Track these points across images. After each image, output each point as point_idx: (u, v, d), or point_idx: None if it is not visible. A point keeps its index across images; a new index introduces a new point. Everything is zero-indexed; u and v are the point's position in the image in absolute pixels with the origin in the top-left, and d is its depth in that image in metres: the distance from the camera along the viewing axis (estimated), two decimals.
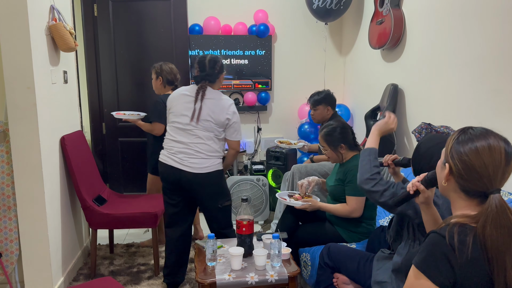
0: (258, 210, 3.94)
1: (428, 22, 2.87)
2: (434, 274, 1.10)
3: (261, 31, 4.22)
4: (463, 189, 1.17)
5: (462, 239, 1.09)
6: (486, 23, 2.29)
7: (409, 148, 3.13)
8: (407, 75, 3.16)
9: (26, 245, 2.45)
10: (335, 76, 4.52)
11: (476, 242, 1.09)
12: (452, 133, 1.23)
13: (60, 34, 2.56)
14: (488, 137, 1.14)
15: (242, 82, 4.32)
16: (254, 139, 4.55)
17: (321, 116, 3.29)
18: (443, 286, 1.10)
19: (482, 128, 1.18)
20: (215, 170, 2.49)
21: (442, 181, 1.21)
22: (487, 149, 1.12)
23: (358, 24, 4.06)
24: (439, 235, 1.12)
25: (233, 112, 2.53)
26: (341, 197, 2.40)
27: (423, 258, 1.13)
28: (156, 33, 3.95)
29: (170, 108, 2.56)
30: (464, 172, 1.14)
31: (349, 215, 2.35)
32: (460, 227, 1.11)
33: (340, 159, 2.46)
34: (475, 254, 1.08)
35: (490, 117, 2.27)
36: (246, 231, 2.12)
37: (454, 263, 1.08)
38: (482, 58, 2.33)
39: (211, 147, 2.47)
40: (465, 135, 1.17)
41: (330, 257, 2.07)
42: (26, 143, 2.37)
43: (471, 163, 1.12)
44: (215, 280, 1.93)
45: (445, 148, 1.22)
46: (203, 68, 2.52)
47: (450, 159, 1.17)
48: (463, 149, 1.15)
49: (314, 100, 3.28)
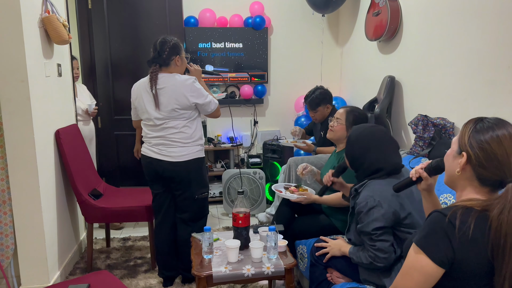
0: (254, 203, 3.94)
1: (424, 14, 2.85)
2: (433, 251, 1.11)
3: (257, 23, 4.19)
4: (479, 178, 1.16)
5: (464, 219, 1.09)
6: (482, 15, 2.27)
7: (406, 140, 3.13)
8: (403, 67, 3.15)
9: (22, 240, 2.44)
10: (332, 68, 4.50)
11: (481, 224, 1.09)
12: (465, 123, 1.21)
13: (54, 26, 2.53)
14: (507, 126, 1.14)
15: (238, 75, 4.30)
16: (250, 132, 4.54)
17: (322, 116, 3.30)
18: (441, 264, 1.11)
19: (496, 118, 1.18)
20: (194, 158, 2.50)
21: (456, 170, 1.19)
22: (508, 137, 1.12)
23: (354, 16, 4.04)
24: (441, 213, 1.13)
25: (197, 91, 2.41)
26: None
27: (423, 236, 1.14)
28: (151, 25, 3.92)
29: (133, 101, 2.56)
30: (484, 161, 1.13)
31: (343, 203, 2.34)
32: (465, 209, 1.11)
33: (343, 137, 2.45)
34: (476, 235, 1.08)
35: (486, 108, 2.27)
36: (242, 223, 2.11)
37: (453, 241, 1.09)
38: (477, 50, 2.32)
39: (186, 134, 2.45)
40: (483, 124, 1.16)
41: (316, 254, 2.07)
42: (20, 137, 2.35)
43: (492, 151, 1.12)
44: (212, 273, 1.92)
45: (460, 137, 1.20)
46: (154, 50, 2.45)
47: (469, 147, 1.15)
48: (484, 137, 1.14)
49: (312, 102, 3.24)
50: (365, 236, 1.77)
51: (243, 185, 3.90)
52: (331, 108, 3.29)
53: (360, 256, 1.80)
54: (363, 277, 1.85)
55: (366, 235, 1.76)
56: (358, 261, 1.82)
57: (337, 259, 1.98)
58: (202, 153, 2.57)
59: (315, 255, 2.07)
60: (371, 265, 1.76)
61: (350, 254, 1.88)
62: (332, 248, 1.99)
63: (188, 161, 2.48)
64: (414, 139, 2.67)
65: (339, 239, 2.05)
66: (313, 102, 3.24)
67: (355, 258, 1.84)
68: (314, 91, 3.27)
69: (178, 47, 2.46)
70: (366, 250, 1.77)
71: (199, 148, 2.54)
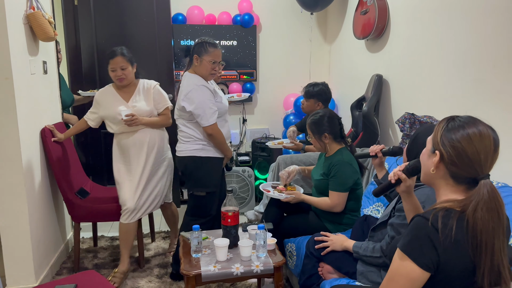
0: (243, 201, 3.94)
1: (411, 13, 2.87)
2: (418, 256, 1.12)
3: (246, 21, 4.18)
4: (453, 176, 1.18)
5: (445, 222, 1.11)
6: (469, 14, 2.30)
7: (393, 138, 3.16)
8: (391, 65, 3.18)
9: (7, 239, 2.41)
10: (320, 66, 4.51)
11: (461, 225, 1.11)
12: (438, 122, 1.24)
13: (39, 23, 2.49)
14: (477, 124, 1.16)
15: (227, 73, 4.28)
16: (239, 130, 4.54)
17: (310, 109, 3.28)
18: (427, 268, 1.12)
19: (468, 116, 1.20)
20: (190, 155, 2.54)
21: (430, 168, 1.22)
22: (478, 135, 1.14)
23: (342, 14, 4.06)
24: (423, 218, 1.14)
25: (189, 98, 2.44)
26: (326, 191, 2.41)
27: (407, 241, 1.15)
28: (139, 22, 3.88)
29: None
30: (456, 159, 1.16)
31: (330, 209, 2.36)
32: (445, 211, 1.13)
33: (323, 148, 2.46)
34: (459, 237, 1.10)
35: (472, 106, 2.30)
36: (231, 222, 2.11)
37: (437, 245, 1.10)
38: (464, 49, 2.35)
39: (186, 133, 2.56)
40: (455, 123, 1.19)
41: (315, 246, 2.08)
42: (4, 135, 2.31)
43: (463, 149, 1.14)
44: (200, 272, 1.92)
45: (433, 136, 1.23)
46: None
47: (441, 146, 1.18)
48: (455, 136, 1.16)
49: (307, 92, 3.23)
50: (394, 231, 1.72)
51: (232, 183, 3.89)
52: (322, 108, 3.29)
53: (369, 248, 1.80)
54: (360, 270, 1.85)
55: (395, 231, 1.71)
56: (364, 254, 1.82)
57: (333, 253, 1.99)
58: (203, 152, 2.54)
59: (311, 247, 2.08)
60: (379, 259, 1.75)
61: (354, 248, 1.88)
62: (334, 243, 2.00)
63: (184, 157, 2.56)
64: (402, 137, 2.69)
65: (341, 235, 2.06)
66: (309, 93, 3.21)
67: (361, 252, 1.84)
68: (316, 84, 3.19)
69: (199, 46, 2.52)
70: (383, 242, 1.75)
71: (199, 147, 2.54)
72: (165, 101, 2.75)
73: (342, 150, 2.41)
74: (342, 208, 2.35)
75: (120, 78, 2.62)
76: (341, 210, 2.36)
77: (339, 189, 2.32)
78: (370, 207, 2.67)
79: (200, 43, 2.52)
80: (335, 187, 2.33)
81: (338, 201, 2.33)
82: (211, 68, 2.50)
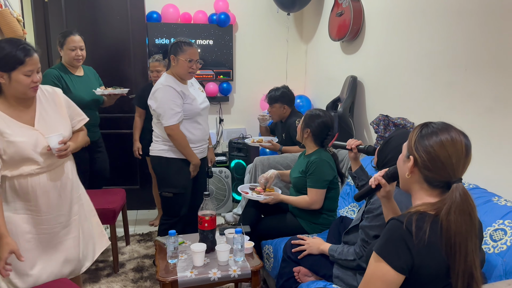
0: (220, 202, 3.92)
1: (386, 16, 2.91)
2: (393, 258, 1.14)
3: (222, 20, 4.15)
4: (427, 180, 1.22)
5: (420, 225, 1.14)
6: (442, 18, 2.35)
7: (368, 139, 3.20)
8: (365, 67, 3.21)
9: None
10: (297, 66, 4.53)
11: (435, 228, 1.14)
12: (413, 129, 1.28)
13: (6, 21, 2.41)
14: (450, 130, 1.21)
15: (203, 72, 4.23)
16: (216, 130, 4.51)
17: (277, 114, 3.33)
18: (401, 270, 1.14)
19: (442, 123, 1.24)
20: (157, 155, 2.60)
21: (406, 173, 1.25)
22: (450, 141, 1.18)
23: (318, 15, 4.08)
24: (397, 221, 1.17)
25: (154, 97, 2.51)
26: (304, 188, 2.43)
27: (382, 244, 1.18)
28: (112, 19, 3.78)
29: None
30: (429, 163, 1.19)
31: (309, 206, 2.38)
32: (419, 214, 1.16)
33: (301, 138, 2.51)
34: (433, 239, 1.13)
35: (444, 108, 2.35)
36: (208, 226, 2.09)
37: (411, 248, 1.12)
38: (437, 52, 2.40)
39: (156, 132, 2.63)
40: (428, 129, 1.23)
41: (292, 250, 2.08)
42: None
43: (436, 154, 1.18)
44: (177, 278, 1.89)
45: (408, 142, 1.27)
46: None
47: (415, 151, 1.22)
48: (428, 142, 1.20)
49: (270, 97, 3.32)
50: (364, 234, 1.76)
51: (209, 184, 3.87)
52: (289, 110, 3.34)
53: (344, 252, 1.83)
54: (336, 274, 1.88)
55: (365, 234, 1.75)
56: (339, 257, 1.85)
57: (310, 257, 2.01)
58: (169, 153, 2.57)
59: (289, 251, 2.09)
60: (353, 262, 1.78)
61: (330, 251, 1.91)
62: (311, 246, 2.03)
63: (153, 156, 2.63)
64: (376, 138, 2.74)
65: (317, 238, 2.09)
66: (272, 98, 3.31)
67: (336, 255, 1.87)
68: (278, 88, 3.34)
69: (174, 46, 2.53)
70: (356, 246, 1.79)
71: (165, 148, 2.57)
72: (81, 113, 2.06)
73: (321, 150, 2.45)
74: (320, 205, 2.38)
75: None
76: (319, 207, 2.38)
77: (317, 186, 2.35)
78: (346, 208, 2.70)
79: (176, 43, 2.54)
80: (313, 184, 2.36)
81: (317, 198, 2.36)
82: (188, 66, 2.51)
